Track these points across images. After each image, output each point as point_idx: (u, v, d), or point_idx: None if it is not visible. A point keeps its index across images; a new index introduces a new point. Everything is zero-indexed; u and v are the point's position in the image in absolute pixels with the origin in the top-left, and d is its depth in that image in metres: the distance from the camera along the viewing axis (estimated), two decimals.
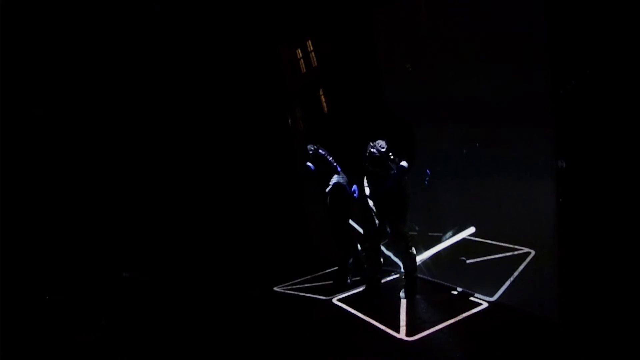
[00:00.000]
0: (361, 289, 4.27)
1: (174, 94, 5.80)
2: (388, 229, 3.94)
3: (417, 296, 3.94)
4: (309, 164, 4.54)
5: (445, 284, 4.08)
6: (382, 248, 4.42)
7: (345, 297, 4.23)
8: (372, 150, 3.78)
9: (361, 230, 4.44)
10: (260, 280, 5.00)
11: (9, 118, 4.56)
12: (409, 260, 3.88)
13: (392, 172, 3.71)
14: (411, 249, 3.85)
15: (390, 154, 3.72)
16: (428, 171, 4.21)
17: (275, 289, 4.75)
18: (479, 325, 3.26)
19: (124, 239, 5.27)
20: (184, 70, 5.83)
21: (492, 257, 3.84)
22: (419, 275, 4.12)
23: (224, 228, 5.83)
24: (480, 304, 3.57)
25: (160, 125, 5.76)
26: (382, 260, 4.12)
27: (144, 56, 5.64)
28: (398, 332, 3.31)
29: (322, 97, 5.64)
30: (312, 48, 5.70)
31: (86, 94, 5.27)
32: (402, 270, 4.09)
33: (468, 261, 4.02)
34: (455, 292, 3.89)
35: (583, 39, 2.66)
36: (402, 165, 3.65)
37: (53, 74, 5.13)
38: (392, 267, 4.59)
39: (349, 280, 4.54)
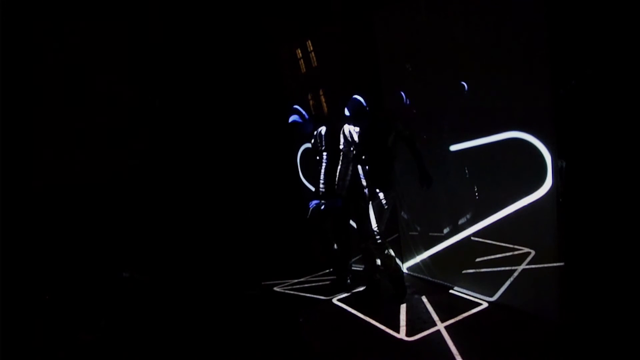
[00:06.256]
0: (361, 289, 4.27)
1: (173, 94, 5.80)
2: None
3: (417, 296, 3.95)
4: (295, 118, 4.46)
5: (445, 283, 4.09)
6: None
7: (345, 297, 4.23)
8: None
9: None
10: (260, 280, 5.01)
11: (9, 117, 4.56)
12: (387, 259, 3.81)
13: None
14: (384, 248, 3.77)
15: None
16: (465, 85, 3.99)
17: (275, 289, 4.76)
18: (479, 325, 3.26)
19: (123, 239, 5.27)
20: (184, 70, 5.83)
21: (492, 257, 3.84)
22: (409, 273, 4.07)
23: (223, 228, 5.83)
24: (480, 304, 3.58)
25: (159, 125, 5.77)
26: (378, 260, 4.11)
27: (144, 56, 5.64)
28: (398, 332, 3.31)
29: (322, 97, 5.64)
30: (312, 48, 5.70)
31: (84, 93, 5.27)
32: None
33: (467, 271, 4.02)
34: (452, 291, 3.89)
35: (583, 40, 2.66)
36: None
37: (53, 73, 5.13)
38: None
39: (348, 280, 4.54)
